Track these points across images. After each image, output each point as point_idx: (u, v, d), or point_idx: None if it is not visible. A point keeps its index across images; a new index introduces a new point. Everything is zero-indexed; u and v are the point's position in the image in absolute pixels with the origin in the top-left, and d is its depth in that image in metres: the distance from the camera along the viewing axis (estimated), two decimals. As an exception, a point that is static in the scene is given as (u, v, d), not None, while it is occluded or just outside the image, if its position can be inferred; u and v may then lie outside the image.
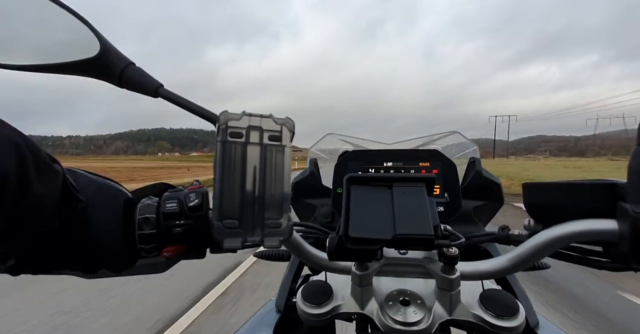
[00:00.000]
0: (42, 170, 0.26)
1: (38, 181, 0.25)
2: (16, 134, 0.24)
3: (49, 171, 0.27)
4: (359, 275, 0.44)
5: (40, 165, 0.26)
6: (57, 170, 0.28)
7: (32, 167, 0.25)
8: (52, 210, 0.27)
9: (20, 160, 0.23)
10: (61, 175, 0.28)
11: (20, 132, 0.25)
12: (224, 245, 0.32)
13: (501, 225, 0.50)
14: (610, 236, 0.35)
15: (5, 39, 0.33)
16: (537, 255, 0.40)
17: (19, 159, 0.23)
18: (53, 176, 0.27)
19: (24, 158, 0.24)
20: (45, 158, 0.27)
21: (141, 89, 0.37)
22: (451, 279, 0.42)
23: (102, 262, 0.33)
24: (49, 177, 0.27)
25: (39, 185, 0.25)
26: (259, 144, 0.33)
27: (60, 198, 0.28)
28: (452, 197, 0.67)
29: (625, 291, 3.04)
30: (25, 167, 0.24)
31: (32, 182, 0.24)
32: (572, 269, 3.31)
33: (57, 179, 0.28)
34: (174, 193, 0.35)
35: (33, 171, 0.25)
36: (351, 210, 0.36)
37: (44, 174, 0.26)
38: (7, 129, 0.24)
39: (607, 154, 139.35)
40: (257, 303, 2.70)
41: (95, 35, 0.35)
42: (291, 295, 0.61)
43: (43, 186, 0.26)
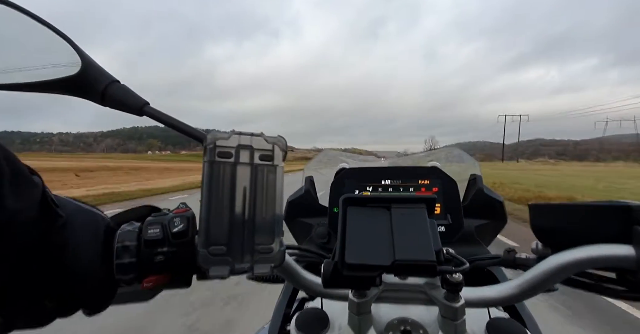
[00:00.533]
0: (19, 182, 0.24)
1: (13, 194, 0.23)
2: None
3: (26, 184, 0.25)
4: (356, 303, 0.41)
5: (17, 177, 0.24)
6: (37, 182, 0.26)
7: (7, 180, 0.23)
8: (29, 225, 0.25)
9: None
10: (41, 187, 0.26)
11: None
12: (210, 273, 0.30)
13: (507, 247, 0.48)
14: (627, 263, 0.33)
15: None
16: (548, 281, 0.37)
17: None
18: (31, 189, 0.25)
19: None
20: (23, 170, 0.25)
21: (125, 108, 0.35)
22: (455, 307, 0.39)
23: (75, 298, 0.29)
24: (26, 190, 0.25)
25: (13, 199, 0.23)
26: (249, 164, 0.32)
27: (39, 212, 0.26)
28: (454, 217, 0.64)
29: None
30: (0, 178, 0.22)
31: (5, 196, 0.22)
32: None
33: (36, 192, 0.26)
34: (158, 218, 0.33)
35: (7, 184, 0.23)
36: (347, 234, 0.34)
37: (21, 187, 0.24)
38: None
39: (607, 159, 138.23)
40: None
41: (77, 51, 0.34)
42: (285, 321, 0.57)
43: (19, 200, 0.24)
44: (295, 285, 0.44)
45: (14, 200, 0.23)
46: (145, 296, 0.37)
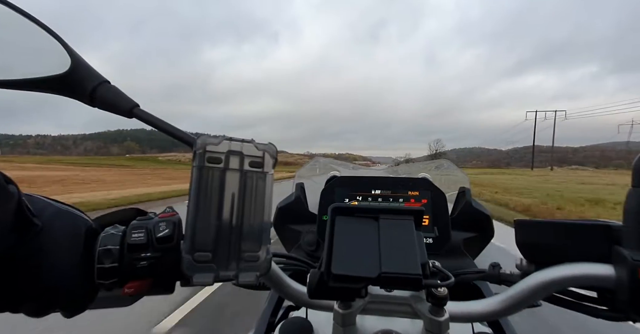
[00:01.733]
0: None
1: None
2: None
3: (1, 192, 0.24)
4: (341, 314, 0.41)
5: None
6: (11, 191, 0.25)
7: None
8: (2, 234, 0.25)
9: None
10: (16, 196, 0.26)
11: None
12: (194, 280, 0.30)
13: (492, 262, 0.48)
14: (607, 283, 0.33)
15: None
16: (531, 297, 0.38)
17: None
18: (5, 197, 0.25)
19: None
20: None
21: (115, 109, 0.35)
22: (440, 321, 0.39)
23: (54, 299, 0.29)
24: (1, 198, 0.24)
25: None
26: (238, 170, 0.31)
27: (14, 222, 0.25)
28: (441, 229, 0.64)
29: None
30: None
31: None
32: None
33: (11, 201, 0.25)
34: (143, 222, 0.32)
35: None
36: (335, 244, 0.33)
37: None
38: None
39: (608, 166, 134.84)
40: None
41: (66, 50, 0.33)
42: (270, 331, 0.56)
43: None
44: (281, 294, 0.43)
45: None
46: (126, 301, 0.36)
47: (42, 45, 0.32)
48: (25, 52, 0.33)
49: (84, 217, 0.32)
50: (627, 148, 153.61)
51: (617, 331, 2.36)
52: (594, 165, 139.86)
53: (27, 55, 0.33)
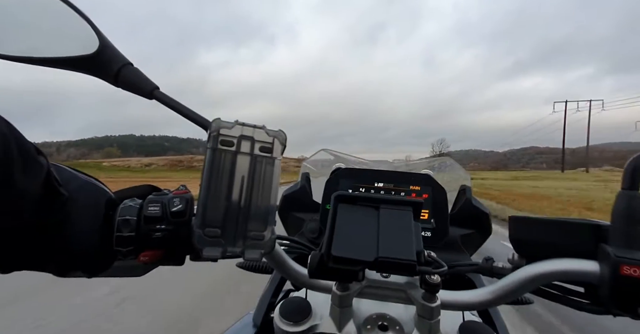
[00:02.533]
0: (27, 162, 0.25)
1: (22, 173, 0.24)
2: (3, 124, 0.24)
3: (33, 163, 0.26)
4: (339, 295, 0.43)
5: (26, 156, 0.25)
6: (42, 162, 0.27)
7: (18, 159, 0.24)
8: (34, 203, 0.27)
9: (6, 151, 0.23)
10: (46, 167, 0.28)
11: (8, 122, 0.24)
12: (203, 253, 0.32)
13: (486, 256, 0.50)
14: (591, 278, 0.35)
15: (5, 29, 0.33)
16: (519, 290, 0.39)
17: (4, 150, 0.23)
18: (37, 168, 0.27)
19: (9, 150, 0.23)
20: (31, 150, 0.26)
21: (136, 90, 0.37)
22: (431, 307, 0.41)
23: (76, 262, 0.32)
24: (33, 170, 0.26)
25: (22, 177, 0.24)
26: (249, 154, 0.33)
27: (43, 192, 0.27)
28: (440, 224, 0.66)
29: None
30: (11, 158, 0.23)
31: (16, 174, 0.24)
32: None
33: (41, 172, 0.27)
34: (158, 197, 0.35)
35: (18, 163, 0.24)
36: (336, 229, 0.35)
37: (29, 166, 0.25)
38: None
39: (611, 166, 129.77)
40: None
41: (95, 32, 0.35)
42: (269, 310, 0.59)
43: (27, 178, 0.25)
44: (283, 274, 0.45)
45: (22, 179, 0.24)
46: (139, 271, 0.39)
47: (74, 26, 0.34)
48: (59, 33, 0.35)
49: (105, 189, 0.34)
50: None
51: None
52: (611, 164, 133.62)
53: (60, 35, 0.35)
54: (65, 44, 0.35)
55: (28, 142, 0.26)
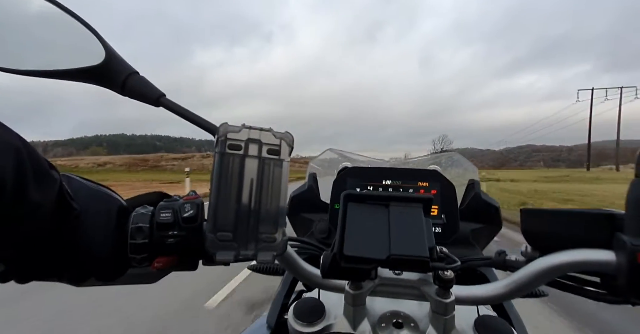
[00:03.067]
0: (40, 177, 0.26)
1: (35, 188, 0.25)
2: (17, 139, 0.24)
3: (46, 178, 0.26)
4: (352, 294, 0.43)
5: (38, 171, 0.25)
6: (55, 177, 0.28)
7: (30, 174, 0.24)
8: (47, 217, 0.27)
9: (19, 166, 0.23)
10: (58, 182, 0.28)
11: (21, 137, 0.24)
12: (217, 257, 0.32)
13: (498, 250, 0.50)
14: (607, 268, 0.35)
15: (12, 44, 0.34)
16: (534, 282, 0.39)
17: (17, 165, 0.23)
18: (50, 183, 0.27)
19: (22, 165, 0.23)
20: (44, 165, 0.26)
21: (143, 98, 0.37)
22: (446, 303, 0.41)
23: (91, 270, 0.32)
24: (46, 184, 0.26)
25: (35, 193, 0.25)
26: (257, 157, 0.33)
27: (56, 205, 0.27)
28: (450, 219, 0.66)
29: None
30: (24, 173, 0.23)
31: (29, 189, 0.24)
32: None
33: (54, 186, 0.27)
34: (169, 203, 0.35)
35: (31, 178, 0.24)
36: (347, 228, 0.35)
37: (42, 181, 0.26)
38: (8, 134, 0.23)
39: (609, 165, 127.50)
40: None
41: (101, 42, 0.36)
42: (283, 311, 0.59)
43: (40, 193, 0.25)
44: (295, 275, 0.45)
45: (35, 194, 0.25)
46: (152, 278, 0.39)
47: (80, 38, 0.35)
48: (65, 45, 0.36)
49: (116, 197, 0.35)
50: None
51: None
52: (594, 164, 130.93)
53: (67, 47, 0.36)
54: (72, 55, 0.35)
55: (41, 157, 0.26)
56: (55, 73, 0.35)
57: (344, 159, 0.88)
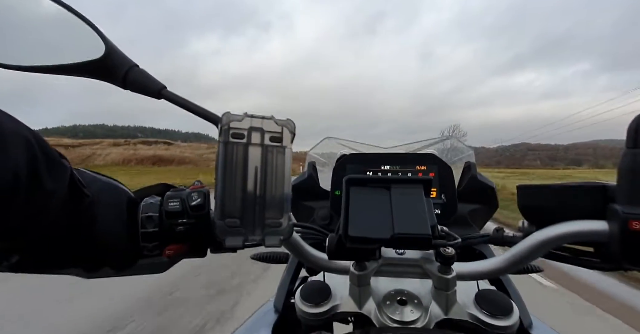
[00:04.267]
0: (52, 165, 0.26)
1: (48, 177, 0.25)
2: (26, 130, 0.24)
3: (58, 166, 0.27)
4: (357, 275, 0.44)
5: (50, 161, 0.26)
6: (65, 165, 0.28)
7: (43, 164, 0.25)
8: (61, 205, 0.27)
9: (31, 156, 0.24)
10: (69, 170, 0.28)
11: (29, 128, 0.25)
12: (226, 243, 0.33)
13: (496, 227, 0.51)
14: (601, 237, 0.36)
15: (12, 40, 0.34)
16: (531, 255, 0.41)
17: (30, 156, 0.23)
18: (62, 171, 0.27)
19: (34, 155, 0.24)
20: (54, 154, 0.27)
21: (145, 91, 0.38)
22: (447, 279, 0.42)
23: (105, 260, 0.33)
24: (58, 173, 0.27)
25: (49, 181, 0.25)
26: (260, 145, 0.34)
27: (69, 193, 0.28)
28: (449, 200, 0.68)
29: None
30: (36, 163, 0.24)
31: (43, 178, 0.25)
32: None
33: (66, 174, 0.28)
34: (177, 193, 0.36)
35: (44, 167, 0.25)
36: (350, 210, 0.36)
37: (54, 170, 0.26)
38: (17, 125, 0.24)
39: (607, 164, 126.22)
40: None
41: (101, 37, 0.36)
42: (289, 296, 0.61)
43: (53, 182, 0.26)
44: (301, 259, 0.47)
45: (48, 180, 0.25)
46: (162, 268, 0.40)
47: (79, 33, 0.35)
48: (65, 40, 0.36)
49: (125, 189, 0.36)
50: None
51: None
52: (590, 164, 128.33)
53: (66, 43, 0.36)
54: (72, 50, 0.35)
55: (50, 146, 0.27)
56: (55, 68, 0.35)
57: (342, 147, 0.89)
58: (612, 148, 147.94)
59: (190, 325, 2.50)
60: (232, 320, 2.58)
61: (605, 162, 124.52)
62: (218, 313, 2.72)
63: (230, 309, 2.79)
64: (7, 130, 0.22)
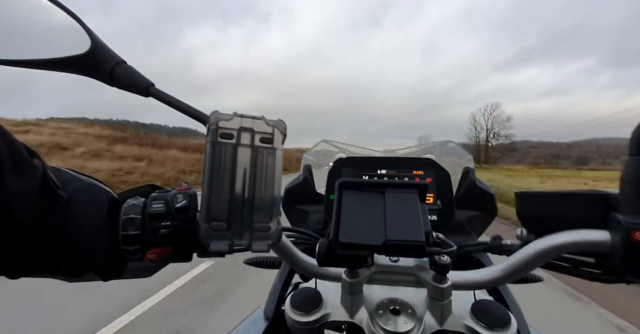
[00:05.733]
0: (19, 164, 0.25)
1: (13, 176, 0.24)
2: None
3: (26, 165, 0.26)
4: (349, 282, 0.43)
5: (17, 159, 0.25)
6: (36, 164, 0.27)
7: (7, 160, 0.24)
8: (29, 206, 0.26)
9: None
10: (41, 170, 0.27)
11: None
12: (211, 248, 0.32)
13: (493, 235, 0.50)
14: (602, 248, 0.35)
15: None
16: (529, 265, 0.39)
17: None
18: (31, 170, 0.26)
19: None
20: (22, 152, 0.26)
21: (132, 88, 0.36)
22: (442, 288, 0.41)
23: (85, 264, 0.31)
24: (26, 171, 0.26)
25: (14, 180, 0.24)
26: (249, 146, 0.33)
27: (40, 194, 0.27)
28: (446, 206, 0.66)
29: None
30: (0, 162, 0.23)
31: (6, 177, 0.24)
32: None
33: (36, 174, 0.27)
34: (161, 194, 0.34)
35: (8, 164, 0.24)
36: (342, 215, 0.35)
37: (21, 169, 0.25)
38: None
39: (615, 163, 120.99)
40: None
41: (86, 31, 0.35)
42: (280, 303, 0.60)
43: (20, 181, 0.25)
44: (291, 265, 0.45)
45: (13, 180, 0.24)
46: (148, 272, 0.39)
47: (64, 26, 0.34)
48: (48, 34, 0.35)
49: (107, 189, 0.34)
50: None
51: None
52: (598, 162, 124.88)
53: (50, 36, 0.35)
54: (56, 44, 0.34)
55: (19, 144, 0.26)
56: (39, 62, 0.34)
57: (338, 150, 0.89)
58: (616, 145, 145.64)
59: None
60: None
61: (612, 160, 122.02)
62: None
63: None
64: None
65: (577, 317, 2.80)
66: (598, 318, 2.77)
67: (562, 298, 3.16)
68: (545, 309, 2.81)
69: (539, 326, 0.59)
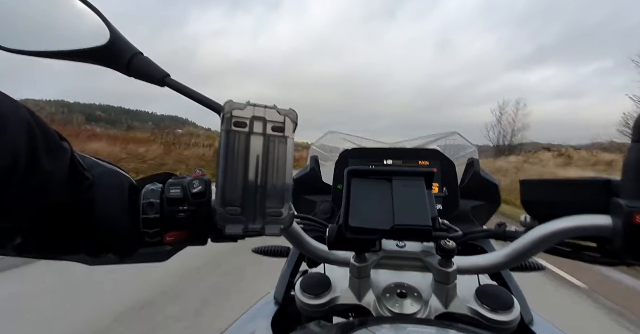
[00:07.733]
0: (51, 147, 0.26)
1: (47, 158, 0.25)
2: (26, 112, 0.24)
3: (57, 148, 0.27)
4: (357, 267, 0.44)
5: (49, 142, 0.26)
6: (65, 147, 0.28)
7: (42, 145, 0.25)
8: (60, 186, 0.28)
9: (31, 137, 0.24)
10: (69, 152, 0.29)
11: (30, 109, 0.25)
12: (226, 231, 0.33)
13: (498, 222, 0.51)
14: (604, 232, 0.36)
15: (17, 25, 0.34)
16: (532, 250, 0.40)
17: (29, 137, 0.24)
18: (62, 153, 0.28)
19: (34, 136, 0.24)
20: (54, 136, 0.27)
21: (148, 78, 0.38)
22: (448, 272, 0.42)
23: (107, 245, 0.33)
24: (57, 154, 0.27)
25: (48, 162, 0.25)
26: (262, 134, 0.34)
27: (68, 175, 0.28)
28: (450, 195, 0.68)
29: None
30: (35, 144, 0.24)
31: (41, 159, 0.25)
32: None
33: (65, 156, 0.28)
34: (178, 180, 0.36)
35: (42, 148, 0.25)
36: (351, 201, 0.37)
37: (53, 151, 0.27)
38: (17, 107, 0.24)
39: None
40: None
41: (105, 23, 0.36)
42: (289, 288, 0.61)
43: (52, 163, 0.26)
44: (301, 250, 0.47)
45: (47, 162, 0.26)
46: (163, 256, 0.40)
47: (84, 19, 0.35)
48: (70, 26, 0.36)
49: (126, 175, 0.36)
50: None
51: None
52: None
53: (71, 28, 0.36)
54: (77, 36, 0.36)
55: (50, 128, 0.27)
56: (60, 53, 0.35)
57: (345, 141, 0.90)
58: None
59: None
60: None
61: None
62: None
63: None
64: (7, 111, 0.23)
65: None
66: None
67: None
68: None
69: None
